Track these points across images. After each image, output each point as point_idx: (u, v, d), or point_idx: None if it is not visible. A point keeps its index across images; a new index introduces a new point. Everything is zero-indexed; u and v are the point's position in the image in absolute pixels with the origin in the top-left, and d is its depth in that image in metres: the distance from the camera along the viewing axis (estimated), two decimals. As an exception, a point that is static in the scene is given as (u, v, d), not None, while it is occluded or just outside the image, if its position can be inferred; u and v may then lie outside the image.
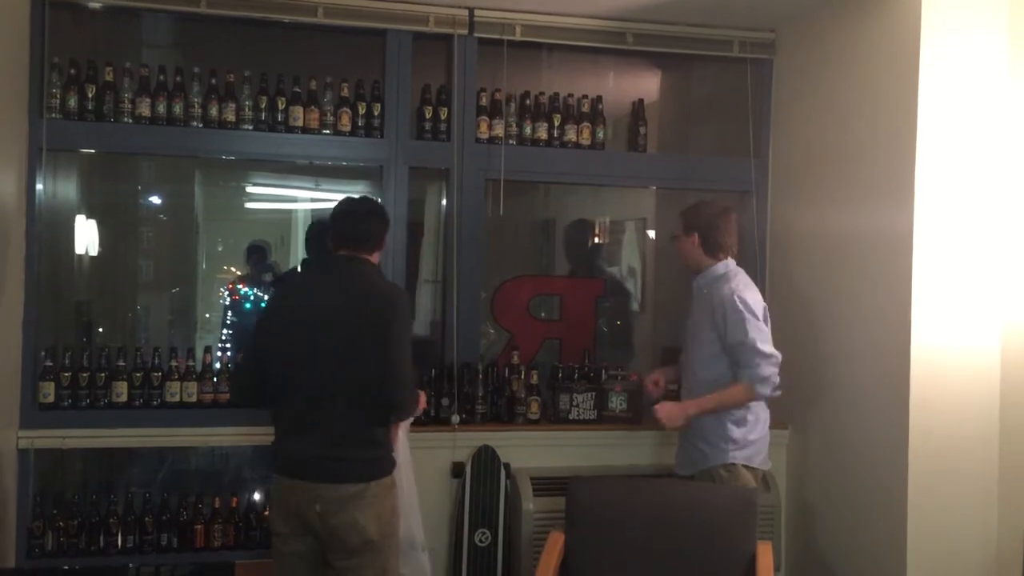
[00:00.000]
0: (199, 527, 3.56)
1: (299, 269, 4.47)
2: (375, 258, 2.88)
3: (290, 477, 2.72)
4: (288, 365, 2.73)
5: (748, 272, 3.39)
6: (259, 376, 2.79)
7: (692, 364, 3.35)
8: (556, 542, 3.07)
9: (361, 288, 2.76)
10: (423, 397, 3.03)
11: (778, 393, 3.19)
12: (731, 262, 3.32)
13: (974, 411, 3.23)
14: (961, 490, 3.22)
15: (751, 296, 3.19)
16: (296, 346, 2.72)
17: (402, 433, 2.95)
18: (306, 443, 2.71)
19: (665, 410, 3.25)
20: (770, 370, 3.12)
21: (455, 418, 3.69)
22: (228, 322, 4.83)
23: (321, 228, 3.34)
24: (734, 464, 3.21)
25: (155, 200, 4.89)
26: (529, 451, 3.76)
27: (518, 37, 3.88)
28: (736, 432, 3.21)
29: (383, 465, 2.76)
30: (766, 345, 3.13)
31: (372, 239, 2.86)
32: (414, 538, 3.00)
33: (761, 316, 3.17)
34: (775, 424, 3.39)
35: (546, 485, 3.61)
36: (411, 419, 2.98)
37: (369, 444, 2.72)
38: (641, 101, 4.14)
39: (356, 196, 3.02)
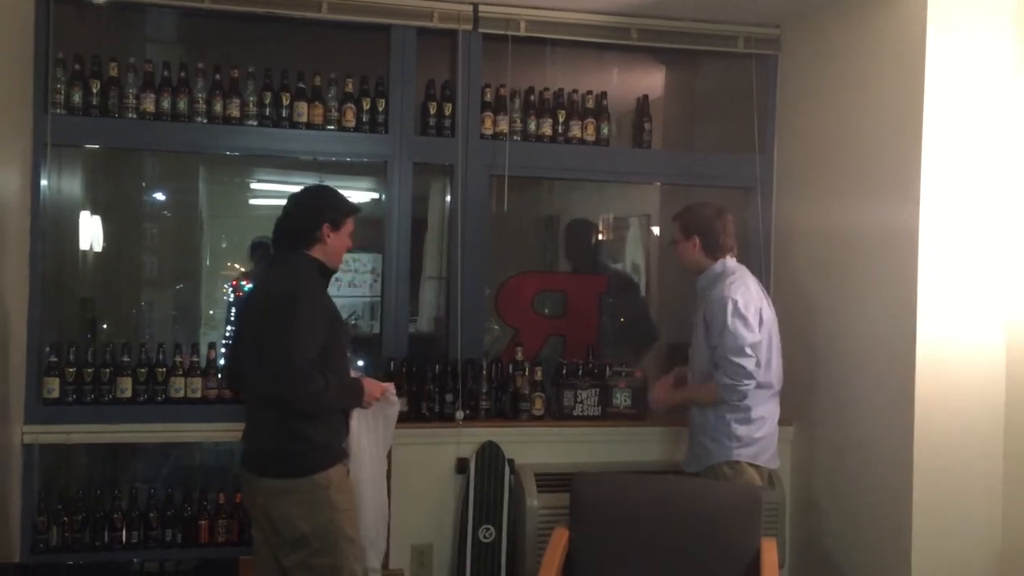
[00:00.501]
0: (203, 523, 3.57)
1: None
2: (317, 251, 2.77)
3: (242, 467, 2.85)
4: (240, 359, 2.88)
5: (751, 269, 3.39)
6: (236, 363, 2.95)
7: (693, 361, 3.37)
8: (560, 538, 3.07)
9: (264, 287, 2.85)
10: (372, 389, 2.87)
11: (744, 401, 3.17)
12: (729, 260, 3.31)
13: (979, 408, 3.22)
14: (966, 487, 3.22)
15: (742, 295, 3.17)
16: (236, 341, 2.96)
17: (355, 424, 2.86)
18: (247, 435, 2.85)
19: (657, 390, 3.48)
20: (730, 381, 3.13)
21: (459, 414, 3.69)
22: (232, 318, 4.84)
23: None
24: (738, 462, 3.20)
25: (159, 196, 4.91)
26: (533, 447, 3.76)
27: (522, 33, 3.86)
28: (740, 429, 3.20)
29: (314, 459, 2.69)
30: (737, 355, 3.11)
31: (296, 236, 2.79)
32: (368, 532, 2.92)
33: (751, 316, 3.15)
34: (779, 421, 3.37)
35: (550, 481, 3.61)
36: (392, 410, 2.97)
37: (295, 439, 2.67)
38: (646, 97, 4.13)
39: (297, 190, 2.93)
